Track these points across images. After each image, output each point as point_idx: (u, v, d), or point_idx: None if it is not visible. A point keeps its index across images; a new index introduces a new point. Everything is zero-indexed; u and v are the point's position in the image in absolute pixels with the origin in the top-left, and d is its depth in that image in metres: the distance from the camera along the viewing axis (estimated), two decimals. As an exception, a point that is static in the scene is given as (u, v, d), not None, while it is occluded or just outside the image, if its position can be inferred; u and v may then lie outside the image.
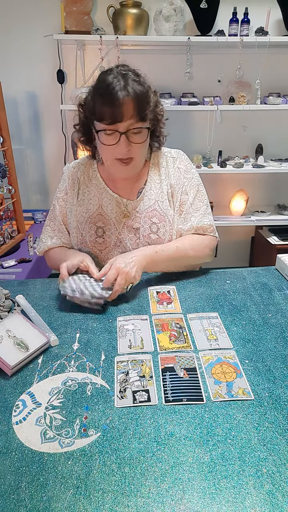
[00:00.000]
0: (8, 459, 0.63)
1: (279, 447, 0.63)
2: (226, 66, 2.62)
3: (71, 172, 1.27)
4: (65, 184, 1.26)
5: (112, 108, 1.01)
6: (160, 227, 1.20)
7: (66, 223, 1.27)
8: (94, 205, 1.22)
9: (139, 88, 1.04)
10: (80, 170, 1.26)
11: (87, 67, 2.67)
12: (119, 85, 1.01)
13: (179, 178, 1.22)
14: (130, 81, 1.03)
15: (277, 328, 0.93)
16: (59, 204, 1.27)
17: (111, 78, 1.03)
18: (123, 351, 0.86)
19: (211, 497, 0.56)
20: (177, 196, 1.22)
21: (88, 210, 1.21)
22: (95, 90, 1.07)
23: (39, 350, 0.85)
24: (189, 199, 1.22)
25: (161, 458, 0.62)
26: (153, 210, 1.20)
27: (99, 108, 1.04)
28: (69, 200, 1.25)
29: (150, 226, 1.20)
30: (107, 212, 1.21)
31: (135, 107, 1.03)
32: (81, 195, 1.23)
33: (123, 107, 1.01)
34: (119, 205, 1.21)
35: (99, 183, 1.23)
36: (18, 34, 2.59)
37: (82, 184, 1.24)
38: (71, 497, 0.57)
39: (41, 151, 2.90)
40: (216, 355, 0.84)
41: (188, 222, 1.21)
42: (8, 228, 2.20)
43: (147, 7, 2.50)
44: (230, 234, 3.13)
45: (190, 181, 1.23)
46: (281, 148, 2.92)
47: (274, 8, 2.50)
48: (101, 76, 1.07)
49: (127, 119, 1.03)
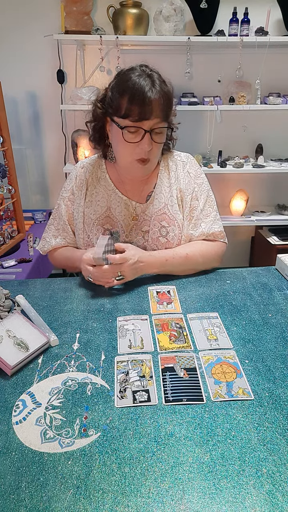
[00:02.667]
0: (8, 459, 0.63)
1: (279, 447, 0.63)
2: (226, 66, 2.62)
3: (78, 172, 1.25)
4: (72, 184, 1.25)
5: (141, 106, 1.01)
6: (169, 231, 1.20)
7: (72, 223, 1.26)
8: (102, 207, 1.21)
9: (166, 88, 1.06)
10: (89, 170, 1.24)
11: (87, 67, 2.67)
12: (148, 83, 1.01)
13: (189, 183, 1.21)
14: (156, 80, 1.04)
15: (277, 328, 0.93)
16: (64, 204, 1.25)
17: (136, 76, 1.02)
18: (123, 351, 0.86)
19: (211, 497, 0.56)
20: (187, 201, 1.21)
21: (96, 212, 1.21)
22: (120, 87, 1.04)
23: (39, 350, 0.85)
24: (200, 205, 1.21)
25: (161, 458, 0.62)
26: (163, 214, 1.20)
27: (127, 104, 1.02)
28: (76, 201, 1.23)
29: (159, 229, 1.19)
30: (115, 214, 1.20)
31: (161, 106, 1.04)
32: (89, 197, 1.22)
33: (152, 105, 1.01)
34: (128, 207, 1.20)
35: (108, 185, 1.22)
36: (18, 34, 2.59)
37: (90, 185, 1.23)
38: (71, 497, 0.57)
39: (41, 151, 2.90)
40: (216, 355, 0.84)
41: (199, 228, 1.21)
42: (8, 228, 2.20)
43: (147, 7, 2.50)
44: (230, 234, 3.12)
45: (200, 187, 1.22)
46: (281, 148, 2.92)
47: (274, 8, 2.50)
48: (125, 74, 1.05)
49: (153, 117, 1.03)
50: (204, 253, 1.18)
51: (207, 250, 1.19)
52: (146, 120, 1.03)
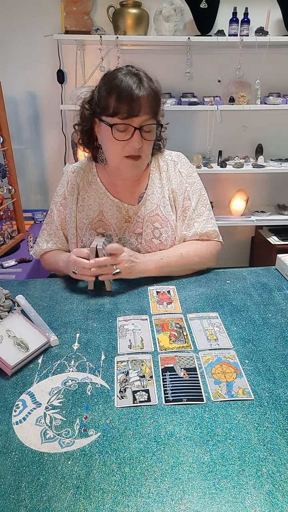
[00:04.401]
0: (8, 459, 0.63)
1: (279, 447, 0.63)
2: (226, 66, 2.62)
3: (69, 177, 1.24)
4: (63, 189, 1.24)
5: (129, 103, 1.01)
6: (162, 232, 1.19)
7: (64, 228, 1.26)
8: (95, 211, 1.20)
9: (154, 85, 1.06)
10: (79, 175, 1.23)
11: (87, 67, 2.67)
12: (135, 81, 1.01)
13: (180, 183, 1.21)
14: (144, 78, 1.04)
15: (277, 328, 0.93)
16: (57, 209, 1.25)
17: (123, 75, 1.02)
18: (123, 351, 0.86)
19: (211, 497, 0.56)
20: (179, 201, 1.20)
21: (88, 216, 1.20)
22: (107, 86, 1.04)
23: (39, 350, 0.85)
24: (192, 205, 1.20)
25: (161, 458, 0.62)
26: (156, 215, 1.19)
27: (115, 102, 1.02)
28: (68, 206, 1.23)
29: (152, 231, 1.19)
30: (108, 217, 1.20)
31: (150, 103, 1.04)
32: (81, 201, 1.21)
33: (140, 101, 1.01)
34: (120, 210, 1.20)
35: (99, 188, 1.21)
36: (18, 34, 2.59)
37: (81, 189, 1.22)
38: (71, 497, 0.57)
39: (41, 151, 2.90)
40: (216, 355, 0.84)
41: (192, 228, 1.20)
42: (8, 228, 2.20)
43: (147, 7, 2.50)
44: (230, 234, 3.13)
45: (192, 186, 1.22)
46: (281, 148, 2.92)
47: (274, 8, 2.50)
48: (112, 73, 1.05)
49: (142, 114, 1.03)
50: (199, 252, 1.18)
51: (202, 250, 1.19)
52: (135, 117, 1.03)
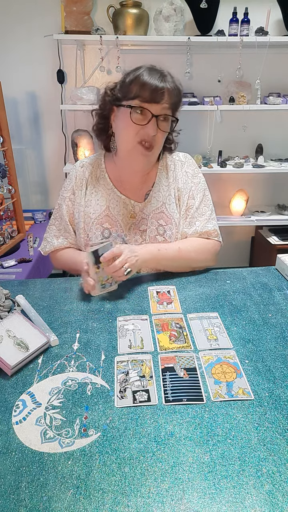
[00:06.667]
0: (8, 459, 0.63)
1: (279, 447, 0.63)
2: (226, 66, 2.62)
3: (78, 172, 1.25)
4: (72, 184, 1.25)
5: (154, 88, 1.03)
6: (166, 229, 1.20)
7: (73, 223, 1.26)
8: (102, 206, 1.21)
9: (178, 83, 1.10)
10: (88, 170, 1.24)
11: (87, 67, 2.67)
12: (160, 76, 1.05)
13: (186, 182, 1.23)
14: (168, 75, 1.08)
15: (277, 328, 0.93)
16: (65, 204, 1.25)
17: (149, 69, 1.06)
18: (123, 351, 0.86)
19: (211, 497, 0.56)
20: (184, 200, 1.22)
21: (96, 211, 1.21)
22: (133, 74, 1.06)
23: (39, 350, 0.85)
24: (195, 204, 1.22)
25: (161, 458, 0.62)
26: (160, 213, 1.21)
27: (139, 87, 1.04)
28: (76, 201, 1.23)
29: (157, 228, 1.20)
30: (114, 213, 1.21)
31: (171, 95, 1.07)
32: (89, 196, 1.22)
33: (163, 91, 1.04)
34: (126, 206, 1.21)
35: (107, 184, 1.22)
36: (18, 34, 2.59)
37: (89, 184, 1.23)
38: (71, 497, 0.57)
39: (41, 151, 2.90)
40: (216, 355, 0.84)
41: (193, 226, 1.22)
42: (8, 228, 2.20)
43: (147, 7, 2.50)
44: (230, 234, 3.13)
45: (197, 186, 1.23)
46: (281, 148, 2.92)
47: (274, 8, 2.50)
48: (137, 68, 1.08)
49: (163, 103, 1.05)
50: (197, 248, 1.19)
51: (200, 246, 1.20)
52: (156, 104, 1.05)
